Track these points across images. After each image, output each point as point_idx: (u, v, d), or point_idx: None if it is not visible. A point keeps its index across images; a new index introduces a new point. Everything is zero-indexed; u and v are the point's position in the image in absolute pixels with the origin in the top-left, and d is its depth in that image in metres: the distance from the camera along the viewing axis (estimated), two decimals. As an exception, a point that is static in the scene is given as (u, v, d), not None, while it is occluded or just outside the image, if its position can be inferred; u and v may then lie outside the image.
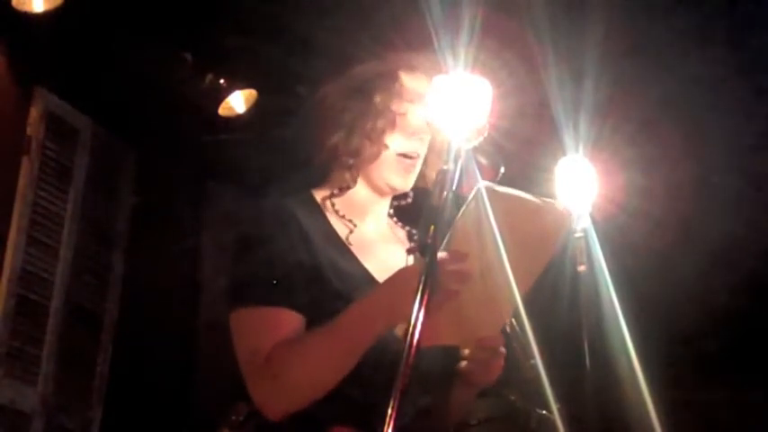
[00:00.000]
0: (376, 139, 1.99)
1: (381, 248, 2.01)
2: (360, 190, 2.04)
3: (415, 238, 2.05)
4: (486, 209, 1.71)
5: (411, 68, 2.04)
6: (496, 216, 1.71)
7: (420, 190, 2.08)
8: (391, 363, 1.55)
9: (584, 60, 3.45)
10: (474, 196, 1.72)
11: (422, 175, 2.06)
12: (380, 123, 1.99)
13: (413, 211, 2.09)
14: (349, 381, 1.76)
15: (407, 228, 2.12)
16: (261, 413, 1.79)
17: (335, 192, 2.03)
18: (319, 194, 2.04)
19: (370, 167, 2.02)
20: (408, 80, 2.03)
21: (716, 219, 4.23)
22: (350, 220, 2.01)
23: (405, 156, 2.01)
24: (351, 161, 2.01)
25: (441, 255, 1.63)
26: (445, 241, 1.69)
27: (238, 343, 1.83)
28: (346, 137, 2.01)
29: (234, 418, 1.85)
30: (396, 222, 2.12)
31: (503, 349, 1.88)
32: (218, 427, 1.88)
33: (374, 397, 1.74)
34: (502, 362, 1.88)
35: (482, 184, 1.73)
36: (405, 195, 2.11)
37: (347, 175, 2.02)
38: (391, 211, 2.12)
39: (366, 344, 1.74)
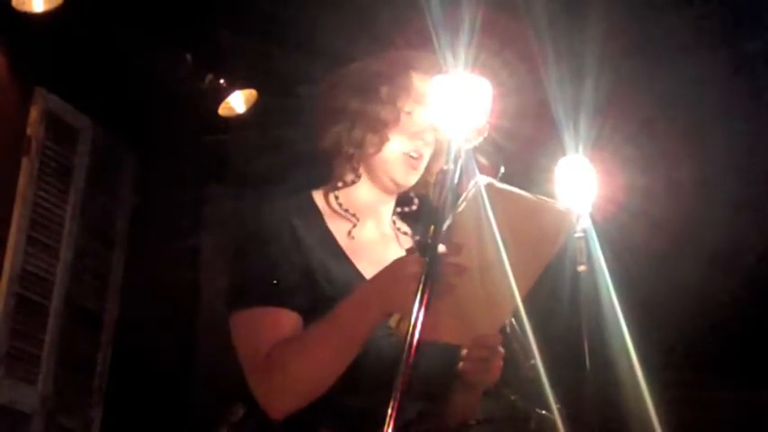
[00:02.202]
0: (379, 131, 1.99)
1: (381, 251, 1.99)
2: (361, 188, 2.03)
3: (417, 238, 2.06)
4: (485, 204, 1.70)
5: (422, 70, 2.03)
6: (496, 213, 1.71)
7: (424, 197, 2.07)
8: (386, 365, 1.54)
9: (584, 60, 3.45)
10: (473, 190, 1.71)
11: (425, 183, 2.06)
12: (384, 116, 1.99)
13: (418, 217, 2.09)
14: (344, 385, 1.76)
15: (411, 233, 2.11)
16: (259, 413, 1.79)
17: (339, 185, 2.02)
18: (320, 194, 2.04)
19: (372, 161, 2.01)
20: (418, 80, 2.02)
21: (716, 219, 4.23)
22: (353, 215, 2.00)
23: (407, 155, 2.00)
24: (352, 151, 2.00)
25: (439, 248, 1.64)
26: (444, 228, 1.68)
27: (239, 344, 1.84)
28: (350, 127, 2.00)
29: (231, 418, 1.86)
30: (398, 229, 2.11)
31: (501, 349, 1.87)
32: (215, 427, 1.88)
33: (370, 401, 1.74)
34: (500, 362, 1.88)
35: (481, 178, 1.72)
36: (410, 202, 2.11)
37: (347, 167, 2.02)
38: (395, 217, 2.11)
39: (363, 333, 1.74)
